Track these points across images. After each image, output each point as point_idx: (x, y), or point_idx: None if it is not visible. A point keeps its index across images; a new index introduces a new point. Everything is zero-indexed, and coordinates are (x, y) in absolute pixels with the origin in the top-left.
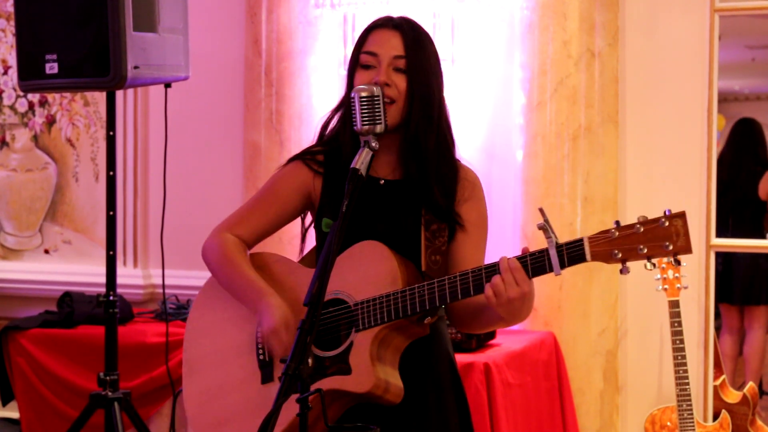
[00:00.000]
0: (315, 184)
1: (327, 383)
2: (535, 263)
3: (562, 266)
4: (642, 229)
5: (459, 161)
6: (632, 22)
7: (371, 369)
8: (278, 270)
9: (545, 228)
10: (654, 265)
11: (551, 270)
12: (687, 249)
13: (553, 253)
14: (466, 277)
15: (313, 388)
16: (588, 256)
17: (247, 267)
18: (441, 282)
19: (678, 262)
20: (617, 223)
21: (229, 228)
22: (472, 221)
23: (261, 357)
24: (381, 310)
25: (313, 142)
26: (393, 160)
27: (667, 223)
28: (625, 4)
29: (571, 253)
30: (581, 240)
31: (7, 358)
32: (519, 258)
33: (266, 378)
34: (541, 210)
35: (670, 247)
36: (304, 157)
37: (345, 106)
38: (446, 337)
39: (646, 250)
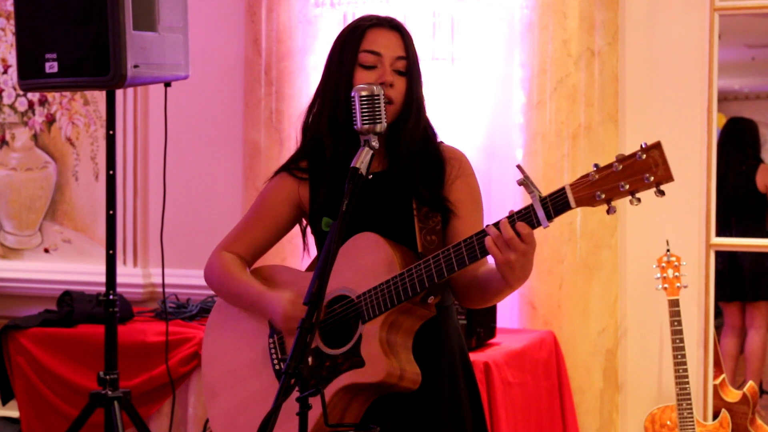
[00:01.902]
0: (301, 192)
1: (342, 379)
2: (522, 220)
3: (549, 218)
4: (620, 167)
5: (441, 144)
6: (632, 21)
7: (383, 356)
8: (282, 279)
9: (526, 183)
10: (639, 200)
11: (539, 224)
12: (668, 177)
13: (537, 206)
14: (459, 248)
15: (329, 387)
16: (572, 203)
17: (245, 276)
18: (436, 257)
19: (662, 192)
20: (596, 165)
21: (226, 247)
22: (465, 199)
23: (277, 367)
24: (383, 298)
25: (297, 143)
26: (378, 153)
27: (644, 156)
28: (625, 3)
29: (556, 204)
30: (563, 189)
31: (6, 357)
32: (507, 218)
33: None
34: (519, 167)
35: (651, 179)
36: (288, 167)
37: (320, 99)
38: (456, 327)
39: (627, 186)
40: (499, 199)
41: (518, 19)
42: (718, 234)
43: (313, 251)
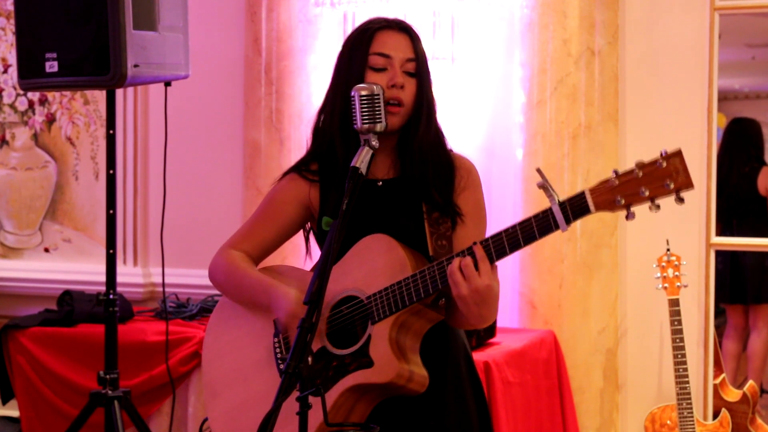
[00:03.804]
0: (311, 194)
1: (350, 380)
2: (540, 223)
3: (568, 222)
4: (641, 173)
5: (452, 152)
6: (632, 20)
7: (392, 357)
8: (289, 279)
9: (545, 186)
10: (658, 206)
11: (557, 227)
12: (688, 184)
13: (556, 209)
14: (473, 251)
15: (336, 387)
16: (592, 208)
17: (252, 271)
18: (450, 259)
19: (681, 200)
20: (615, 171)
21: (233, 246)
22: (470, 210)
23: (281, 367)
24: (394, 299)
25: (308, 146)
26: (388, 159)
27: (665, 164)
28: (625, 2)
29: (575, 208)
30: (583, 193)
31: (7, 357)
32: (524, 221)
33: None
34: (539, 170)
35: (672, 185)
36: (299, 168)
37: (330, 103)
38: (461, 330)
39: (648, 192)
40: (499, 198)
41: (518, 18)
42: (719, 234)
43: (316, 255)
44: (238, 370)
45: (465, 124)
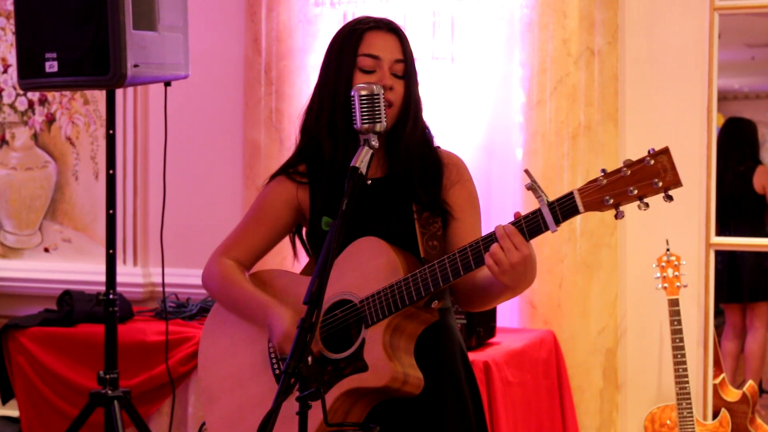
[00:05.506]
0: (300, 195)
1: (345, 384)
2: (530, 225)
3: (557, 222)
4: (629, 172)
5: (438, 148)
6: (632, 20)
7: (387, 361)
8: (281, 284)
9: (534, 188)
10: (647, 205)
11: (547, 228)
12: (676, 182)
13: (545, 211)
14: (465, 252)
15: (331, 391)
16: (581, 208)
17: (248, 284)
18: (441, 262)
19: (670, 198)
20: (603, 171)
21: (225, 252)
22: (463, 204)
23: (277, 371)
24: (387, 302)
25: (296, 144)
26: (376, 158)
27: (652, 162)
28: (625, 2)
29: (564, 208)
30: (571, 193)
31: (6, 357)
32: (513, 223)
33: None
34: (527, 171)
35: (660, 184)
36: (287, 170)
37: (317, 102)
38: (456, 329)
39: (636, 191)
40: (498, 197)
41: (518, 18)
42: (718, 234)
43: (302, 257)
44: (234, 375)
45: (465, 124)
